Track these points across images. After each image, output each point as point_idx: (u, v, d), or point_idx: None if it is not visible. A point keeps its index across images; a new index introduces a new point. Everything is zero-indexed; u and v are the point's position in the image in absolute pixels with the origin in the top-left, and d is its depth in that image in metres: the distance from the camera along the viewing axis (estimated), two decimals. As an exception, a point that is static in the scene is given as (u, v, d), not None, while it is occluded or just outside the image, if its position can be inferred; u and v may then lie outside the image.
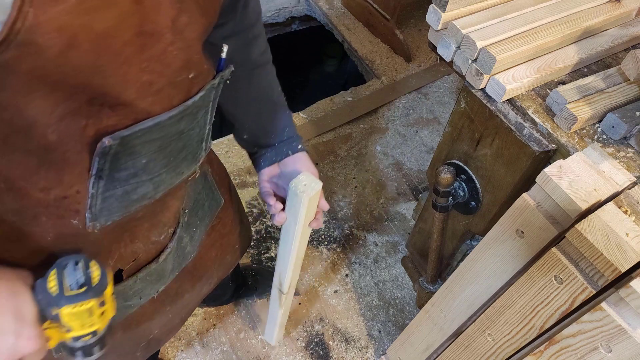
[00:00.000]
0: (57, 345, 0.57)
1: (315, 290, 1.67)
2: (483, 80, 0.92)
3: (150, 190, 0.61)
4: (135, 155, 0.55)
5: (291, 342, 1.55)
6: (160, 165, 0.60)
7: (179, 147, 0.61)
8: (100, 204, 0.56)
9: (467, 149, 1.09)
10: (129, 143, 0.53)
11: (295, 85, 3.04)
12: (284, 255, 0.91)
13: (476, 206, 1.11)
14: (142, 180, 0.59)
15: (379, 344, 1.58)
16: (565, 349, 0.72)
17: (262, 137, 0.84)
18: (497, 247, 0.82)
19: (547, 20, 0.96)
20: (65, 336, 0.56)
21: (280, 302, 1.08)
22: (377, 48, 2.44)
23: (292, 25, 2.75)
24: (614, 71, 0.95)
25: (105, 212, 0.58)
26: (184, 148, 0.63)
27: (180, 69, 0.54)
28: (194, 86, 0.58)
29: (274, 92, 0.85)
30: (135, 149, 0.54)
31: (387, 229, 1.85)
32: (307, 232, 0.86)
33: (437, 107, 2.27)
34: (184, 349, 1.50)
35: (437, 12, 0.95)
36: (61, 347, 0.58)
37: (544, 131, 0.90)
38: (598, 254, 0.62)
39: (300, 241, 0.86)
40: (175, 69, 0.53)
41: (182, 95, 0.57)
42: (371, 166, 2.03)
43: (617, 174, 0.74)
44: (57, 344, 0.57)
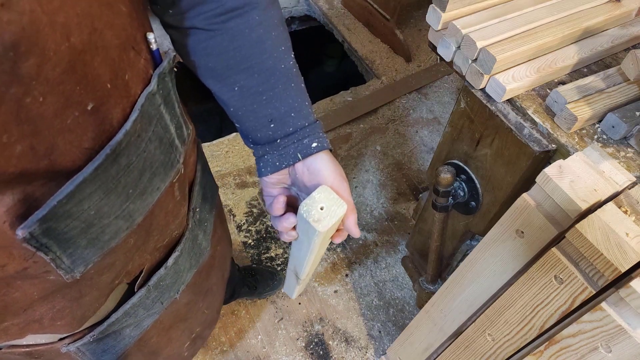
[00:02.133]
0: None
1: (315, 290, 1.67)
2: (483, 80, 0.92)
3: (122, 224, 0.51)
4: (73, 218, 0.44)
5: (291, 342, 1.55)
6: (119, 203, 0.48)
7: (134, 176, 0.49)
8: (67, 260, 0.47)
9: (467, 149, 1.09)
10: (54, 216, 0.41)
11: (295, 85, 3.04)
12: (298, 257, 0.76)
13: (476, 206, 1.11)
14: (104, 224, 0.48)
15: (379, 344, 1.58)
16: (565, 349, 0.72)
17: (254, 128, 0.59)
18: (497, 247, 0.82)
19: (547, 20, 0.96)
20: None
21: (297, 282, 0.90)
22: (377, 48, 2.44)
23: (292, 25, 2.75)
24: (614, 71, 0.95)
25: (79, 262, 0.49)
26: (146, 170, 0.50)
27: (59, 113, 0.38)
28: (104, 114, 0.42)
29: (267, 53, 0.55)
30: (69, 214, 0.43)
31: (387, 229, 1.85)
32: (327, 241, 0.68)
33: (437, 107, 2.27)
34: (184, 349, 1.50)
35: (437, 12, 0.95)
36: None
37: (544, 131, 0.90)
38: (598, 254, 0.62)
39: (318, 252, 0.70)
40: (51, 117, 0.38)
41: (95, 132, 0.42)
42: (371, 166, 2.03)
43: (617, 174, 0.74)
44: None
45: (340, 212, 0.56)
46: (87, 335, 0.65)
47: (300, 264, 0.77)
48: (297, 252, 0.73)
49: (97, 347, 0.67)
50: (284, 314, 1.60)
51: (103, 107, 0.42)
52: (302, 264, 0.76)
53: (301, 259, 0.72)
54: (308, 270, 0.80)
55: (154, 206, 0.55)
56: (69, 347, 0.64)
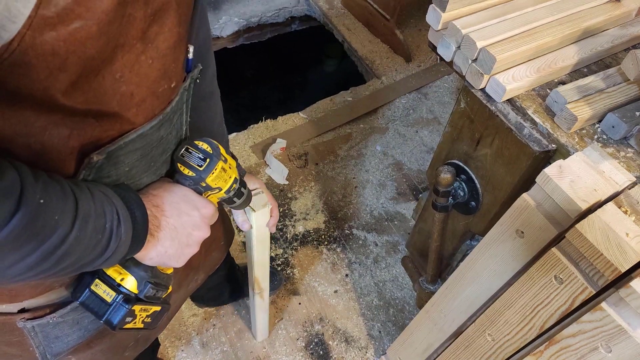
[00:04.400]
0: (219, 203, 0.76)
1: (315, 290, 1.67)
2: (483, 80, 0.92)
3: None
4: (118, 165, 0.57)
5: (291, 342, 1.55)
6: (141, 171, 0.61)
7: (159, 152, 0.63)
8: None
9: (467, 149, 1.09)
10: (113, 155, 0.55)
11: (295, 85, 3.04)
12: (250, 257, 1.09)
13: (476, 206, 1.11)
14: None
15: (379, 344, 1.58)
16: (565, 349, 0.72)
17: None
18: (497, 247, 0.82)
19: (547, 20, 0.96)
20: (221, 194, 0.74)
21: (255, 300, 1.28)
22: (377, 48, 2.44)
23: (292, 25, 2.75)
24: (614, 71, 0.95)
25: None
26: (164, 152, 0.65)
27: (159, 79, 0.54)
28: (174, 94, 0.59)
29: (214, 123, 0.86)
30: (119, 159, 0.56)
31: (387, 229, 1.85)
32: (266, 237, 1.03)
33: (437, 107, 2.27)
34: (184, 349, 1.50)
35: (437, 12, 0.95)
36: (222, 202, 0.77)
37: (544, 131, 0.90)
38: (598, 254, 0.62)
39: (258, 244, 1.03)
40: (154, 79, 0.53)
41: (164, 104, 0.58)
42: (371, 166, 2.03)
43: (617, 174, 0.74)
44: (218, 202, 0.75)
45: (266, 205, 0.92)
46: (48, 316, 0.66)
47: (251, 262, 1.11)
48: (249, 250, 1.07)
49: (52, 331, 0.68)
50: (284, 314, 1.60)
51: (175, 87, 0.58)
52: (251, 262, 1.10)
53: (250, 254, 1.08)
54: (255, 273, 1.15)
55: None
56: (26, 323, 0.65)
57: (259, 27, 2.64)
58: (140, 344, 0.93)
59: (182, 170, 0.67)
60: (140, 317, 0.68)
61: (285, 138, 2.05)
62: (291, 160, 2.01)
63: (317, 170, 1.99)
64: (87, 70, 0.45)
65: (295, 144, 2.06)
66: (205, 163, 0.67)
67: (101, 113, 0.50)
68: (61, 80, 0.44)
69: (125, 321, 0.65)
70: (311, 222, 1.84)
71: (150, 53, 0.51)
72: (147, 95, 0.54)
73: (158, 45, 0.51)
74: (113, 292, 0.64)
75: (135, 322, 0.67)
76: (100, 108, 0.49)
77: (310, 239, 1.79)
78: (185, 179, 0.67)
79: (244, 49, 2.65)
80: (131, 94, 0.51)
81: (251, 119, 2.13)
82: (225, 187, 0.73)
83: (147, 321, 0.70)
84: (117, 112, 0.51)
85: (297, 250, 1.76)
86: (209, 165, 0.67)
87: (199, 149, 0.68)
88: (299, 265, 1.72)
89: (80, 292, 0.64)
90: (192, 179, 0.67)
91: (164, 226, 0.62)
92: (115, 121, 0.52)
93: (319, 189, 1.93)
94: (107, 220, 0.52)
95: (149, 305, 0.68)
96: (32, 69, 0.41)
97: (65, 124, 0.48)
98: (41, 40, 0.40)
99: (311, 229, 1.82)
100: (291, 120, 2.14)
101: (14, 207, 0.42)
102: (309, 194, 1.91)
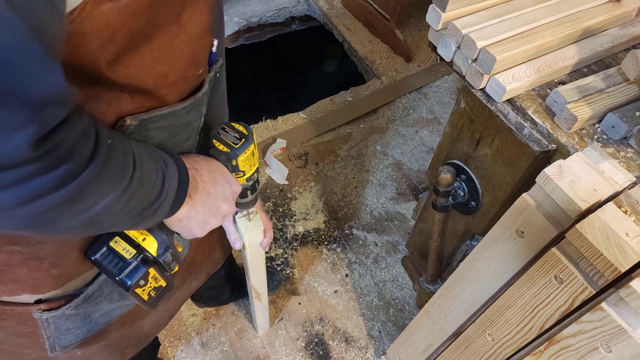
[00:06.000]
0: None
1: (315, 290, 1.67)
2: (483, 80, 0.92)
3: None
4: (147, 139, 0.58)
5: (291, 342, 1.55)
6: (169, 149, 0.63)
7: (184, 137, 0.66)
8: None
9: (467, 149, 1.09)
10: (145, 126, 0.57)
11: (295, 85, 3.04)
12: (246, 269, 1.11)
13: (476, 206, 1.11)
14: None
15: (379, 344, 1.58)
16: (565, 349, 0.72)
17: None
18: (497, 247, 0.82)
19: (547, 20, 0.96)
20: (242, 180, 0.76)
21: (254, 303, 1.31)
22: (377, 48, 2.44)
23: (292, 25, 2.75)
24: (614, 71, 0.95)
25: None
26: (188, 139, 0.67)
27: (189, 64, 0.57)
28: (199, 81, 0.62)
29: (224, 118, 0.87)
30: (149, 133, 0.58)
31: (387, 229, 1.85)
32: (260, 254, 1.05)
33: (437, 107, 2.27)
34: (183, 349, 1.50)
35: (437, 12, 0.95)
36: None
37: (544, 131, 0.90)
38: (598, 254, 0.62)
39: (252, 261, 1.05)
40: (184, 64, 0.56)
41: (192, 90, 0.61)
42: (371, 166, 2.03)
43: (617, 174, 0.74)
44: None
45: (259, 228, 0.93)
46: (63, 307, 0.67)
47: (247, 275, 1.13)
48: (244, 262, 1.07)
49: (63, 323, 0.69)
50: (284, 314, 1.60)
51: (200, 76, 0.61)
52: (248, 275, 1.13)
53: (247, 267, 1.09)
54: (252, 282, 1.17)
55: None
56: (42, 314, 0.66)
57: (259, 27, 2.64)
58: (141, 341, 0.93)
59: (217, 146, 0.71)
60: (150, 287, 0.68)
61: (285, 138, 2.05)
62: (291, 160, 2.01)
63: (317, 170, 1.99)
64: (130, 45, 0.48)
65: (295, 144, 2.06)
66: (240, 142, 0.71)
67: (137, 89, 0.53)
68: (109, 52, 0.46)
69: (139, 284, 0.65)
70: (311, 222, 1.84)
71: (182, 37, 0.53)
72: (179, 78, 0.57)
73: (189, 30, 0.54)
74: (133, 249, 0.64)
75: (143, 290, 0.67)
76: (138, 84, 0.52)
77: (310, 239, 1.79)
78: (220, 154, 0.71)
79: (244, 49, 2.65)
80: (166, 75, 0.54)
81: (251, 119, 2.13)
82: (248, 173, 0.76)
83: (152, 295, 0.69)
84: (151, 90, 0.54)
85: (297, 250, 1.76)
86: (243, 145, 0.71)
87: (234, 129, 0.72)
88: (298, 265, 1.72)
89: (97, 249, 0.64)
90: (225, 155, 0.71)
91: (200, 190, 0.64)
92: (148, 98, 0.55)
93: (319, 189, 1.93)
94: (157, 161, 0.55)
95: (160, 275, 0.69)
96: (86, 40, 0.43)
97: (103, 98, 0.51)
98: (99, 10, 0.42)
99: (311, 229, 1.82)
100: (291, 120, 2.14)
101: (93, 146, 0.45)
102: (309, 194, 1.91)
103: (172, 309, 0.99)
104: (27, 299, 0.65)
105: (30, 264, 0.60)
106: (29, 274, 0.61)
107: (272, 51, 2.91)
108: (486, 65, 0.90)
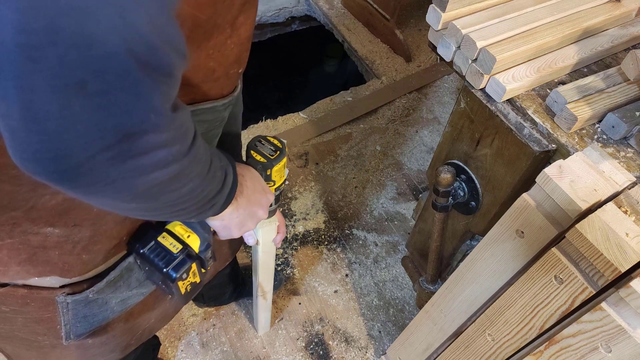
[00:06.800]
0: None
1: (316, 290, 1.67)
2: (483, 80, 0.92)
3: None
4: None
5: (291, 342, 1.55)
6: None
7: (215, 134, 0.71)
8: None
9: (467, 149, 1.09)
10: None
11: (295, 85, 3.04)
12: (255, 266, 1.14)
13: (476, 206, 1.11)
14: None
15: (379, 344, 1.58)
16: (565, 349, 0.72)
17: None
18: (497, 247, 0.82)
19: (547, 20, 0.96)
20: (272, 189, 0.80)
21: (258, 301, 1.32)
22: (377, 48, 2.44)
23: (292, 25, 2.75)
24: (614, 71, 0.95)
25: None
26: (218, 135, 0.72)
27: (233, 63, 0.61)
28: (237, 80, 0.67)
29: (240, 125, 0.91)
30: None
31: (387, 229, 1.85)
32: (272, 251, 1.07)
33: (437, 107, 2.27)
34: (183, 349, 1.50)
35: (437, 12, 0.95)
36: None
37: (544, 131, 0.90)
38: (598, 254, 0.62)
39: (263, 257, 1.07)
40: (230, 62, 0.61)
41: (231, 87, 0.66)
42: (371, 166, 2.03)
43: (617, 174, 0.74)
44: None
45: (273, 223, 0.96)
46: (87, 291, 0.69)
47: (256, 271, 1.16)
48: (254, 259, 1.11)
49: (82, 309, 0.71)
50: (284, 314, 1.60)
51: (239, 74, 0.66)
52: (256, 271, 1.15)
53: (256, 265, 1.12)
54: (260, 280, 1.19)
55: None
56: (67, 298, 0.68)
57: (259, 27, 2.64)
58: (145, 335, 0.94)
59: (254, 156, 0.77)
60: (188, 282, 0.73)
61: (285, 138, 2.05)
62: (291, 160, 2.01)
63: (317, 170, 1.99)
64: (192, 40, 0.50)
65: (295, 144, 2.06)
66: (275, 154, 0.78)
67: (189, 82, 0.56)
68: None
69: (182, 277, 0.70)
70: (311, 222, 1.84)
71: (234, 39, 0.58)
72: (223, 74, 0.61)
73: (240, 33, 0.58)
74: (180, 244, 0.70)
75: (184, 284, 0.72)
76: (190, 77, 0.56)
77: (310, 239, 1.79)
78: (257, 164, 0.76)
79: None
80: (213, 70, 0.59)
81: (251, 119, 2.13)
82: (278, 183, 0.82)
83: (188, 290, 0.74)
84: (198, 84, 0.58)
85: (297, 250, 1.76)
86: (278, 157, 0.78)
87: (270, 142, 0.80)
88: (299, 265, 1.72)
89: (145, 243, 0.69)
90: (262, 165, 0.77)
91: (244, 194, 0.68)
92: (193, 91, 0.59)
93: (319, 189, 1.93)
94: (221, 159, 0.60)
95: (198, 270, 0.74)
96: None
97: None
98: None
99: (311, 229, 1.82)
100: (291, 120, 2.14)
101: (194, 130, 0.49)
102: (309, 194, 1.91)
103: (178, 303, 1.00)
104: (53, 282, 0.66)
105: (63, 247, 0.61)
106: (60, 257, 0.62)
107: (272, 51, 2.91)
108: (486, 65, 0.90)
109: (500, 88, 0.90)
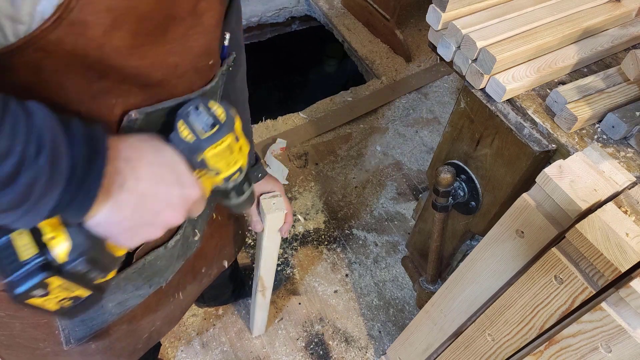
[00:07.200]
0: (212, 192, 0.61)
1: (315, 290, 1.67)
2: (483, 80, 0.92)
3: None
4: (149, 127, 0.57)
5: (291, 342, 1.55)
6: None
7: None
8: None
9: (467, 149, 1.09)
10: (151, 119, 0.55)
11: (295, 85, 3.04)
12: (258, 257, 1.10)
13: (476, 206, 1.11)
14: None
15: (379, 344, 1.58)
16: (565, 349, 0.72)
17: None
18: (497, 247, 0.82)
19: (547, 20, 0.97)
20: (216, 180, 0.59)
21: (256, 297, 1.30)
22: (377, 48, 2.44)
23: (292, 25, 2.75)
24: (614, 71, 0.95)
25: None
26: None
27: (201, 55, 0.57)
28: (210, 73, 0.61)
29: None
30: (156, 127, 0.57)
31: (387, 229, 1.85)
32: (277, 241, 1.04)
33: (437, 107, 2.27)
34: (184, 349, 1.50)
35: (437, 12, 0.95)
36: (216, 193, 0.63)
37: (544, 131, 0.90)
38: (598, 254, 0.62)
39: (267, 246, 1.04)
40: (196, 54, 0.56)
41: (202, 81, 0.60)
42: (371, 166, 2.03)
43: (617, 174, 0.74)
44: (211, 191, 0.61)
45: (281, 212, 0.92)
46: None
47: (258, 261, 1.11)
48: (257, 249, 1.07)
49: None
50: (284, 314, 1.60)
51: (212, 67, 0.61)
52: (259, 261, 1.10)
53: (259, 253, 1.08)
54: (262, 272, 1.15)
55: None
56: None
57: (259, 27, 2.64)
58: (153, 338, 0.93)
59: (180, 131, 0.54)
60: (57, 297, 0.51)
61: (285, 138, 2.05)
62: (291, 160, 2.01)
63: (317, 170, 1.99)
64: (142, 33, 0.47)
65: (295, 144, 2.06)
66: (211, 130, 0.53)
67: (147, 82, 0.52)
68: (116, 39, 0.45)
69: (32, 294, 0.49)
70: (311, 222, 1.84)
71: (197, 28, 0.53)
72: (189, 68, 0.56)
73: (204, 21, 0.54)
74: (34, 249, 0.48)
75: (46, 300, 0.51)
76: (148, 75, 0.52)
77: (310, 239, 1.79)
78: (181, 142, 0.53)
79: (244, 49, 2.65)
80: (176, 66, 0.54)
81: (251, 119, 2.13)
82: (225, 172, 0.58)
83: (66, 305, 0.53)
84: (160, 82, 0.53)
85: (297, 250, 1.76)
86: (214, 135, 0.53)
87: (210, 111, 0.55)
88: (299, 265, 1.72)
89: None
90: (188, 145, 0.53)
91: (130, 189, 0.49)
92: (156, 91, 0.54)
93: (319, 189, 1.93)
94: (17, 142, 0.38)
95: (73, 284, 0.51)
96: (88, 27, 0.43)
97: (112, 92, 0.50)
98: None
99: (311, 229, 1.82)
100: (291, 120, 2.14)
101: None
102: (309, 194, 1.91)
103: (184, 304, 0.98)
104: None
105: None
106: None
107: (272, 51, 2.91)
108: (486, 65, 0.90)
109: (500, 88, 0.90)
